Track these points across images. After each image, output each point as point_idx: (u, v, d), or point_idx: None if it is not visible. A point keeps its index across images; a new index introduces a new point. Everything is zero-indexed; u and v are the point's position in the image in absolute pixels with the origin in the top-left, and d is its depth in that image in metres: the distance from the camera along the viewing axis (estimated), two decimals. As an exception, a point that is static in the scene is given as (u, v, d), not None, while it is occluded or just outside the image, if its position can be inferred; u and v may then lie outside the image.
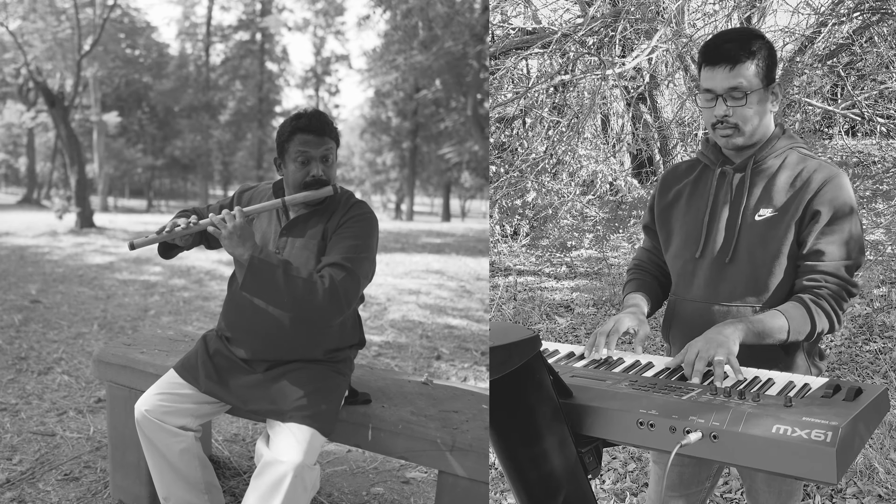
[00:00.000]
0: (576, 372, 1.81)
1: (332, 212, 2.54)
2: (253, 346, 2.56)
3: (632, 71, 7.17)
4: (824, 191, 1.93)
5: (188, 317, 7.24)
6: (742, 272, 2.01)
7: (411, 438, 2.48)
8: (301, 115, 2.54)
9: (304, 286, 2.28)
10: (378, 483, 3.39)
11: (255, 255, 2.27)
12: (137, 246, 2.35)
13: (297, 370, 2.50)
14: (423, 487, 3.36)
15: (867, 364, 4.77)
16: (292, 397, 2.41)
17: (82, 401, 4.42)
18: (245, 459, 3.61)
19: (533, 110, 8.83)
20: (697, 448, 1.45)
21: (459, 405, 2.71)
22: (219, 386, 2.55)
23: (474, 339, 6.59)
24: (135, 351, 3.10)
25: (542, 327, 6.23)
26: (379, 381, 2.92)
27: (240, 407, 2.56)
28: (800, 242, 1.96)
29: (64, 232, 15.63)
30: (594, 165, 9.35)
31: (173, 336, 3.44)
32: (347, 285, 2.34)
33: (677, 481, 2.24)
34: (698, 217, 2.11)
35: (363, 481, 3.40)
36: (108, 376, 3.04)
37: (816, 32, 7.14)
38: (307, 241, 2.51)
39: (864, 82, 7.67)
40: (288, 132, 2.51)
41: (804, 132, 7.18)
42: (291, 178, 2.53)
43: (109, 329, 6.47)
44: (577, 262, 8.69)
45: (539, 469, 1.62)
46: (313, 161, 2.49)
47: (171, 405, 2.55)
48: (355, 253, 2.41)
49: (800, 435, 1.36)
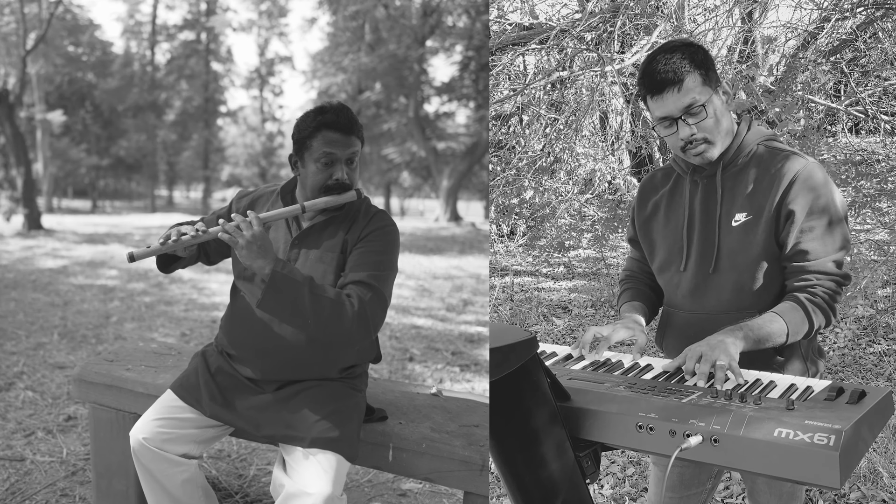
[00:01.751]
0: (574, 374, 1.82)
1: (353, 221, 2.35)
2: (262, 366, 2.37)
3: (631, 67, 7.14)
4: (795, 187, 1.92)
5: (152, 323, 7.06)
6: (727, 280, 2.02)
7: (437, 458, 2.36)
8: (326, 108, 2.32)
9: (332, 308, 2.11)
10: (375, 497, 3.35)
11: (278, 269, 2.08)
12: (138, 257, 2.14)
13: (311, 388, 2.33)
14: (420, 499, 3.33)
15: (871, 366, 4.77)
16: (310, 420, 2.25)
17: (51, 419, 4.19)
18: (233, 478, 3.48)
19: (530, 107, 8.83)
20: (698, 452, 1.45)
21: (478, 418, 2.58)
22: (224, 409, 2.36)
23: (442, 339, 6.60)
24: (119, 368, 2.92)
25: (540, 329, 6.23)
26: (388, 394, 2.78)
27: (250, 431, 2.38)
28: (780, 244, 1.96)
29: (11, 235, 15.36)
30: (592, 164, 9.34)
31: (158, 349, 3.26)
32: (375, 307, 2.19)
33: (678, 482, 2.25)
34: (678, 229, 2.12)
35: (359, 496, 3.34)
36: (92, 397, 2.87)
37: (819, 28, 7.16)
38: (323, 253, 2.31)
39: (868, 79, 7.67)
40: (312, 128, 2.29)
41: (807, 130, 7.18)
42: (311, 181, 2.31)
43: (71, 338, 6.24)
44: (576, 263, 8.70)
45: (536, 474, 1.62)
46: (338, 163, 2.28)
47: (171, 431, 2.37)
48: (381, 270, 2.26)
49: (802, 439, 1.36)
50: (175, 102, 36.60)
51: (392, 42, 26.86)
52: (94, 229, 17.72)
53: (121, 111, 35.22)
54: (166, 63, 36.93)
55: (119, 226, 19.52)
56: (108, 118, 35.33)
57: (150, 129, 35.64)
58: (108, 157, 35.48)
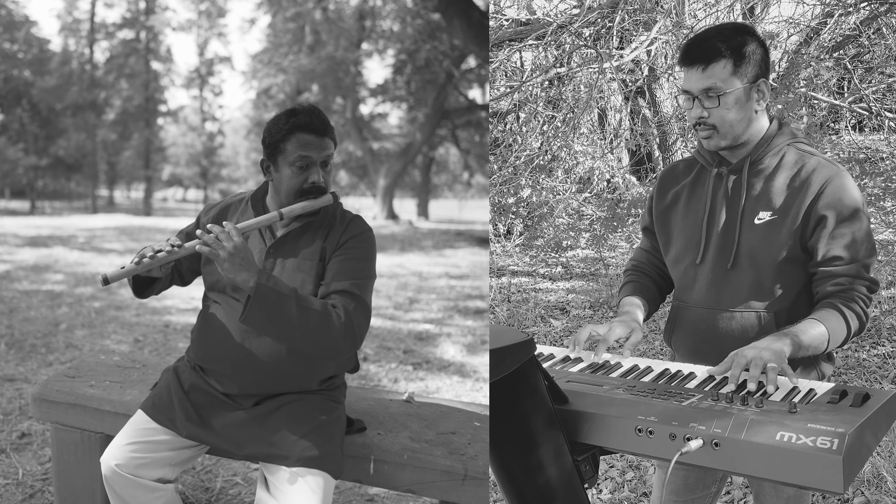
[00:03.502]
0: (571, 377, 1.81)
1: (329, 228, 2.31)
2: (240, 381, 2.29)
3: (630, 63, 7.17)
4: (826, 193, 1.92)
5: (103, 329, 6.81)
6: (745, 278, 2.02)
7: (419, 469, 2.35)
8: (298, 110, 2.28)
9: (319, 320, 2.07)
10: None
11: (262, 282, 2.02)
12: (113, 279, 2.05)
13: (290, 403, 2.28)
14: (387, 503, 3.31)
15: (875, 368, 4.78)
16: (293, 437, 2.20)
17: (2, 437, 3.94)
18: (200, 491, 3.39)
19: (527, 105, 8.84)
20: (698, 456, 1.45)
21: (454, 425, 2.60)
22: (201, 428, 2.28)
23: (392, 337, 6.62)
24: (82, 384, 2.81)
25: (537, 330, 6.23)
26: (361, 403, 2.75)
27: (230, 451, 2.31)
28: (808, 248, 1.96)
29: (-51, 238, 14.87)
30: (591, 162, 9.36)
31: (121, 363, 3.15)
32: (360, 317, 2.16)
33: (682, 486, 2.25)
34: (697, 221, 2.11)
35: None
36: (53, 416, 2.74)
37: (822, 23, 7.17)
38: (300, 262, 2.26)
39: (872, 75, 7.69)
40: (285, 131, 2.24)
41: (810, 127, 7.19)
42: (286, 185, 2.26)
43: (19, 348, 5.93)
44: (573, 263, 8.70)
45: (533, 478, 1.61)
46: (313, 166, 2.25)
47: (145, 456, 2.28)
48: (362, 278, 2.23)
49: (805, 442, 1.36)
50: (115, 101, 36.51)
51: (330, 44, 28.10)
52: (35, 231, 17.13)
53: (59, 110, 34.85)
54: (105, 62, 36.84)
55: (62, 227, 18.92)
56: (46, 117, 34.94)
57: (89, 129, 35.42)
58: (46, 156, 35.02)
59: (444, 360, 5.98)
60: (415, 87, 28.10)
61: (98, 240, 15.36)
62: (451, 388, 5.20)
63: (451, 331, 7.10)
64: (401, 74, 28.85)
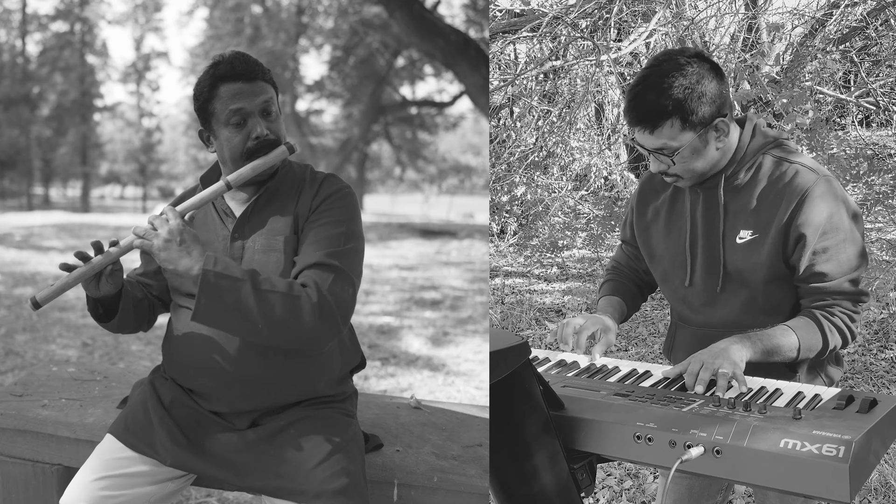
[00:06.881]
0: (568, 382, 1.81)
1: (299, 192, 2.03)
2: (227, 398, 1.98)
3: (628, 56, 7.18)
4: (804, 208, 1.89)
5: (47, 333, 6.55)
6: (737, 297, 2.03)
7: (453, 493, 2.08)
8: (218, 61, 2.01)
9: (284, 303, 1.79)
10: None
11: (209, 267, 1.77)
12: (44, 302, 1.81)
13: (298, 421, 1.97)
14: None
15: (882, 373, 4.80)
16: (307, 466, 1.90)
17: None
18: None
19: (521, 99, 8.84)
20: (699, 464, 1.45)
21: (477, 435, 2.35)
22: (190, 453, 1.97)
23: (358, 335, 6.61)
24: (33, 404, 2.40)
25: (532, 333, 6.24)
26: (365, 411, 2.42)
27: (228, 481, 1.99)
28: (791, 265, 1.95)
29: None
30: (587, 158, 9.36)
31: (77, 374, 2.75)
32: (340, 292, 1.87)
33: (686, 494, 2.25)
34: (679, 243, 2.12)
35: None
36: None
37: (828, 14, 7.18)
38: (271, 239, 1.97)
39: (880, 69, 7.71)
40: (208, 87, 1.98)
41: (815, 123, 7.21)
42: (228, 149, 1.97)
43: None
44: (570, 263, 8.70)
45: (528, 486, 1.62)
46: (251, 117, 1.96)
47: (119, 493, 1.93)
48: (342, 245, 1.93)
49: (810, 450, 1.36)
50: (49, 96, 36.36)
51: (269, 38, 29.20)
52: (-26, 229, 16.51)
53: (-10, 104, 34.97)
54: (39, 55, 36.69)
55: (-3, 226, 18.34)
56: (-24, 112, 35.04)
57: (23, 124, 35.20)
58: (-23, 153, 35.21)
59: (410, 353, 6.13)
60: (350, 84, 29.34)
61: (36, 238, 14.77)
62: (423, 383, 5.30)
63: (412, 323, 7.34)
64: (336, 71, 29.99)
